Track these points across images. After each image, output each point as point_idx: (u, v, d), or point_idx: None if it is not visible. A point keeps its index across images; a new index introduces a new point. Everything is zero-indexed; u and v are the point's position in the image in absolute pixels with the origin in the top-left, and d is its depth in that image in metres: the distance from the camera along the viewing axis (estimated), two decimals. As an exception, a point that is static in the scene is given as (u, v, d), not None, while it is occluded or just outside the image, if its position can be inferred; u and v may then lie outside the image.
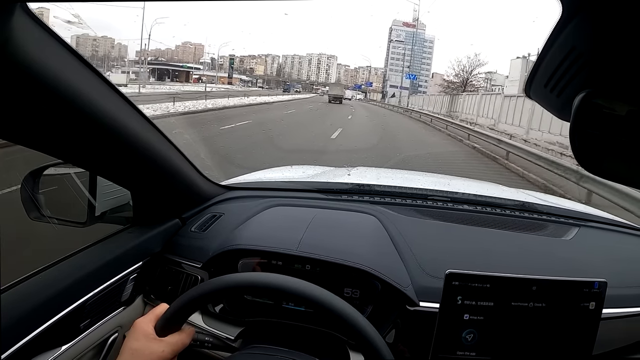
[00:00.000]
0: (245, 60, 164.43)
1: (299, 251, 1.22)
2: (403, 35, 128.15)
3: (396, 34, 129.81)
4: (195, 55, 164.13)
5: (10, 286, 0.91)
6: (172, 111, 17.05)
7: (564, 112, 0.54)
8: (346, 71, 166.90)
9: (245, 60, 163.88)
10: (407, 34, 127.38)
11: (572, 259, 1.36)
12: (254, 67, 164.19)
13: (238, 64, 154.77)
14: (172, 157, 1.20)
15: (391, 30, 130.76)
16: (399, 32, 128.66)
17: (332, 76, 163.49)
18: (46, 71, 0.71)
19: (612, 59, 0.46)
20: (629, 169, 0.53)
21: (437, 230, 1.44)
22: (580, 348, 0.97)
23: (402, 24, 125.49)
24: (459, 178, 2.71)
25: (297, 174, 2.27)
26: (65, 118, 0.81)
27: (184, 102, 21.15)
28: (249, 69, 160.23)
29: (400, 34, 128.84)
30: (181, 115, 16.81)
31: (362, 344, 0.81)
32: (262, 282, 0.86)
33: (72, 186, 1.25)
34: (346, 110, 35.18)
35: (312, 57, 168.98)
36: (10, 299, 0.87)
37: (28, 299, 0.90)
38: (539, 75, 0.54)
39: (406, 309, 1.15)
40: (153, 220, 1.32)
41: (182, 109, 18.44)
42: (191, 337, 0.89)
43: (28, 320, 0.89)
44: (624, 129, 0.50)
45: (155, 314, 0.87)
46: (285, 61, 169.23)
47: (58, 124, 0.81)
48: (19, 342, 0.85)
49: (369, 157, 9.87)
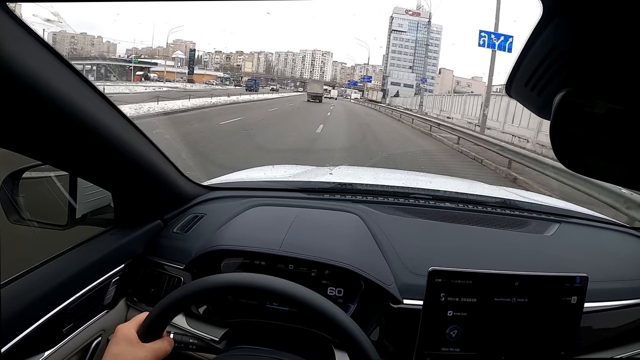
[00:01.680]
0: (232, 57, 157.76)
1: (282, 251, 1.22)
2: (406, 24, 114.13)
3: (398, 23, 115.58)
4: (186, 53, 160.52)
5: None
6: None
7: (545, 110, 0.54)
8: (342, 69, 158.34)
9: (232, 57, 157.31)
10: (411, 24, 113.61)
11: (554, 254, 1.38)
12: (241, 64, 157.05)
13: (224, 61, 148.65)
14: (153, 157, 1.19)
15: (392, 20, 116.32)
16: (401, 21, 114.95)
17: (327, 74, 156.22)
18: (25, 70, 0.70)
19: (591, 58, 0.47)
20: (608, 166, 0.54)
21: (419, 228, 1.45)
22: (563, 342, 0.99)
23: (404, 12, 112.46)
24: (441, 176, 2.74)
25: (279, 173, 2.26)
26: (45, 118, 0.79)
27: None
28: (235, 66, 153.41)
29: (402, 23, 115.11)
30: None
31: (347, 342, 0.81)
32: (244, 282, 0.86)
33: (52, 188, 1.23)
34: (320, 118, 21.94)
35: (305, 54, 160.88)
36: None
37: (8, 305, 0.88)
38: (520, 74, 0.54)
39: (390, 306, 1.16)
40: (135, 221, 1.31)
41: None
42: (172, 345, 0.89)
43: (9, 326, 0.87)
44: (603, 126, 0.51)
45: (137, 320, 0.87)
46: (278, 58, 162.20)
47: (37, 125, 0.80)
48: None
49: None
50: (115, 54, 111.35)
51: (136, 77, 72.47)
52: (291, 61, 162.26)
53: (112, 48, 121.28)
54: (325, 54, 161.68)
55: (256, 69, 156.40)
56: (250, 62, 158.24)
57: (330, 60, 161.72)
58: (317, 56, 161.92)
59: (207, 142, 10.07)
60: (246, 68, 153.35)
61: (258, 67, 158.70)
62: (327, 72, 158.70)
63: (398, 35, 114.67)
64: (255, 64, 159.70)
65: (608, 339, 1.22)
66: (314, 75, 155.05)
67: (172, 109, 17.49)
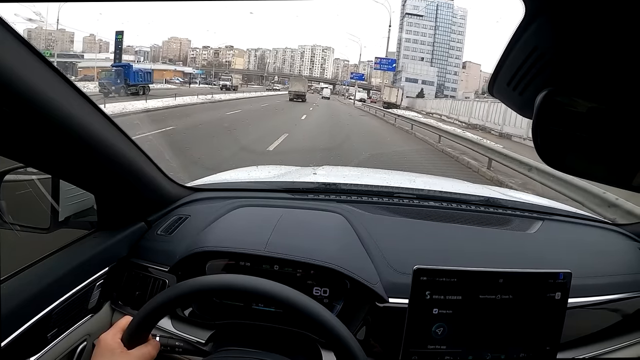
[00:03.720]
0: (221, 52, 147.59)
1: (267, 252, 1.22)
2: (422, 7, 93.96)
3: (412, 5, 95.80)
4: (181, 50, 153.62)
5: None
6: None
7: (527, 109, 0.55)
8: (345, 66, 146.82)
9: (220, 52, 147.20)
10: (429, 5, 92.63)
11: (537, 251, 1.40)
12: (231, 60, 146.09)
13: (212, 57, 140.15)
14: (136, 158, 1.18)
15: (405, 1, 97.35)
16: (416, 2, 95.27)
17: (328, 71, 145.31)
18: (3, 69, 0.69)
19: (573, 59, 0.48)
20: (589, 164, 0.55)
21: (403, 227, 1.46)
22: (547, 337, 1.00)
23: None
24: (424, 175, 2.75)
25: (263, 174, 2.25)
26: (25, 119, 0.78)
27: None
28: (224, 62, 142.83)
29: (419, 4, 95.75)
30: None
31: (333, 342, 0.81)
32: (230, 284, 0.85)
33: (35, 191, 1.21)
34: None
35: (304, 50, 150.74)
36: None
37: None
38: (502, 74, 0.55)
39: (376, 305, 1.16)
40: (118, 224, 1.29)
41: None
42: (158, 349, 0.88)
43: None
44: (584, 125, 0.52)
45: (119, 327, 0.86)
46: (276, 55, 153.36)
47: (17, 126, 0.79)
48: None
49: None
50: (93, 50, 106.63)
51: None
52: (289, 58, 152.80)
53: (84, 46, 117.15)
54: (325, 50, 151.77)
55: (249, 65, 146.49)
56: (242, 57, 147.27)
57: (331, 56, 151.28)
58: (317, 52, 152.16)
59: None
60: (236, 65, 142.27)
61: (249, 63, 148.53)
62: (327, 69, 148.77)
63: (413, 21, 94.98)
64: (246, 60, 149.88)
65: (592, 333, 1.24)
66: (314, 72, 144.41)
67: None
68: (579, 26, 0.44)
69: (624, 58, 0.45)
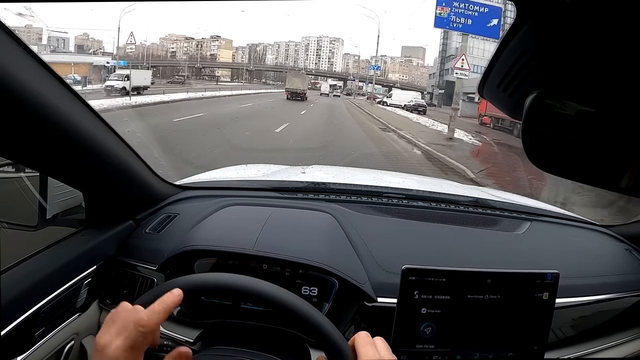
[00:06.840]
0: (205, 44, 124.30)
1: (256, 250, 1.21)
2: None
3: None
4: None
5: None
6: None
7: (516, 111, 0.55)
8: (356, 62, 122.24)
9: (204, 44, 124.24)
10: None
11: (525, 251, 1.41)
12: (216, 52, 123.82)
13: (194, 50, 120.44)
14: (124, 155, 1.17)
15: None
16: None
17: (337, 66, 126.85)
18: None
19: (562, 62, 0.48)
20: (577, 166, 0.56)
21: (392, 226, 1.47)
22: (535, 337, 1.01)
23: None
24: (414, 175, 2.77)
25: (252, 172, 2.25)
26: (12, 114, 0.77)
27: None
28: (209, 55, 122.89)
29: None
30: None
31: (322, 341, 0.81)
32: (218, 282, 0.85)
33: (22, 188, 1.20)
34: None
35: (309, 42, 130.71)
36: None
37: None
38: (492, 76, 0.55)
39: (364, 305, 1.17)
40: (106, 222, 1.29)
41: None
42: None
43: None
44: (573, 127, 0.52)
45: None
46: (278, 49, 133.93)
47: (4, 121, 0.78)
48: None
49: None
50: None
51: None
52: (293, 51, 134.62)
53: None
54: (334, 41, 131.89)
55: (242, 58, 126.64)
56: (228, 49, 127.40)
57: (340, 49, 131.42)
58: (323, 44, 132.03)
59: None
60: (223, 57, 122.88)
61: (236, 56, 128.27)
62: (336, 63, 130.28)
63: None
64: (234, 52, 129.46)
65: (579, 333, 1.26)
66: (320, 67, 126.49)
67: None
68: (568, 30, 0.44)
69: (613, 62, 0.45)
